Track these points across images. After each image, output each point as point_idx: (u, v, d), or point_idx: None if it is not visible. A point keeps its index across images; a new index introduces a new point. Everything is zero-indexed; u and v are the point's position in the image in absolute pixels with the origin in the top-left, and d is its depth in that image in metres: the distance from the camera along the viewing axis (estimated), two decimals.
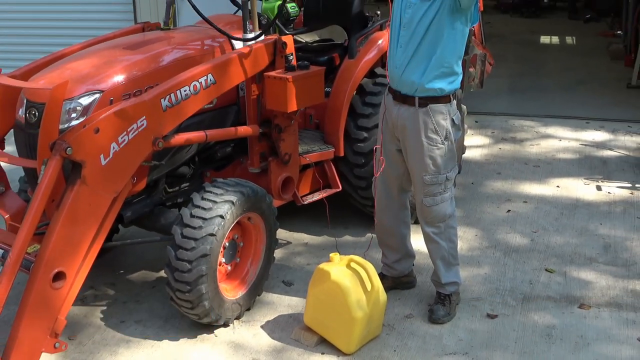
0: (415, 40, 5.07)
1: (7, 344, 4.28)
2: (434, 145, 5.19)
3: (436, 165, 5.23)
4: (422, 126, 5.16)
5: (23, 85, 5.08)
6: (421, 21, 5.03)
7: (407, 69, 5.12)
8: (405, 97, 5.18)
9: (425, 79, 5.08)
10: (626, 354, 5.07)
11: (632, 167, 8.53)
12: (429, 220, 5.43)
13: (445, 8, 4.95)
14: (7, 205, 5.27)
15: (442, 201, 5.34)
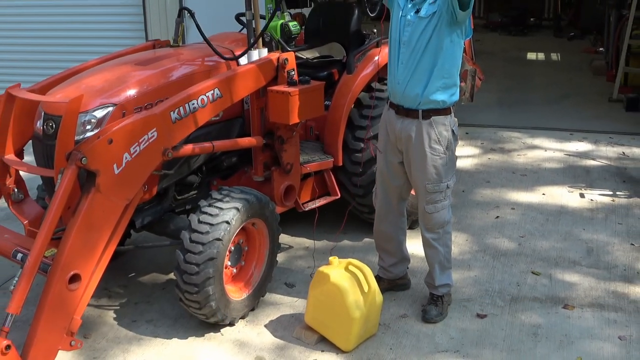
0: (416, 56, 5.08)
1: (26, 342, 4.29)
2: (437, 155, 5.21)
3: (438, 174, 5.24)
4: (426, 137, 5.17)
5: (41, 98, 5.09)
6: (421, 37, 5.05)
7: (410, 83, 5.13)
8: (409, 111, 5.19)
9: (428, 91, 5.10)
10: (608, 352, 5.07)
11: (614, 176, 8.54)
12: (429, 227, 5.43)
13: (443, 22, 4.97)
14: (26, 212, 5.27)
15: (442, 208, 5.36)
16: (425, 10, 5.05)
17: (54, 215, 4.34)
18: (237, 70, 5.63)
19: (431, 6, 5.03)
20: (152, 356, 5.14)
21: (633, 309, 5.62)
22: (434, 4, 5.01)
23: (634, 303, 5.71)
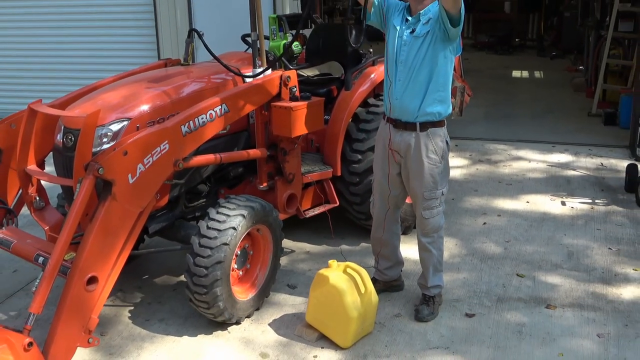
0: (413, 73, 5.11)
1: (47, 339, 4.29)
2: (434, 165, 5.23)
3: (434, 182, 5.26)
4: (424, 148, 5.19)
5: (61, 113, 5.09)
6: (417, 55, 5.08)
7: (408, 98, 5.15)
8: (407, 124, 5.20)
9: (425, 105, 5.12)
10: (587, 349, 5.06)
11: (593, 185, 8.54)
12: (425, 232, 5.44)
13: (436, 40, 5.00)
14: (46, 219, 5.27)
15: (437, 214, 5.38)
16: (420, 30, 5.08)
17: (73, 222, 4.35)
18: (243, 87, 5.65)
19: (424, 26, 5.06)
20: (163, 352, 5.14)
21: (611, 309, 5.62)
22: (427, 24, 5.05)
23: (611, 303, 5.71)
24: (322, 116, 6.11)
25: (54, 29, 12.31)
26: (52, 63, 12.47)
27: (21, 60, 12.64)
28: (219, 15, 10.93)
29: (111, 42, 12.09)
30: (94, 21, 12.09)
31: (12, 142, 5.29)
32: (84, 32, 12.17)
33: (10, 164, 5.34)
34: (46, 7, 12.24)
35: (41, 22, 12.36)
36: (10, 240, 5.03)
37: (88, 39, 12.20)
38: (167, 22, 11.41)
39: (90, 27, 12.12)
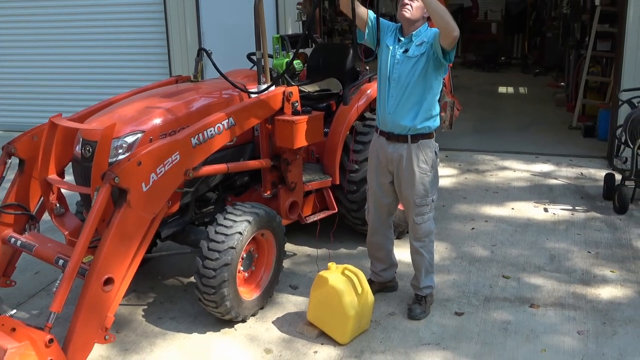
0: (406, 91, 5.11)
1: (66, 336, 4.29)
2: (424, 174, 5.24)
3: (425, 190, 5.27)
4: (415, 158, 5.20)
5: (79, 126, 5.10)
6: (409, 74, 5.09)
7: (400, 114, 5.15)
8: (399, 137, 5.22)
9: (417, 122, 5.14)
10: (568, 345, 5.06)
11: (573, 193, 8.54)
12: (417, 236, 5.45)
13: (430, 63, 5.02)
14: (66, 224, 5.27)
15: (428, 219, 5.39)
16: (413, 51, 5.08)
17: (90, 227, 4.36)
18: (248, 102, 5.66)
19: (418, 47, 5.07)
20: (175, 348, 5.14)
21: (590, 308, 5.62)
22: (421, 45, 5.06)
23: (590, 303, 5.71)
24: (322, 129, 6.11)
25: (74, 48, 12.33)
26: (71, 80, 12.49)
27: (44, 77, 12.67)
28: (226, 35, 10.95)
29: (126, 61, 12.11)
30: (111, 41, 12.12)
31: (34, 153, 5.30)
32: (101, 51, 12.20)
33: (33, 174, 5.34)
34: (68, 28, 12.27)
35: (62, 42, 12.39)
36: (32, 244, 5.02)
37: (105, 58, 12.22)
38: (178, 42, 11.43)
39: (107, 46, 12.15)
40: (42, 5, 12.28)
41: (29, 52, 12.63)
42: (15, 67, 12.80)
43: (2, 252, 5.28)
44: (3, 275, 5.33)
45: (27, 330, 3.95)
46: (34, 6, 12.35)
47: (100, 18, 12.05)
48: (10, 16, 12.55)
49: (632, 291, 5.90)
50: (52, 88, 12.64)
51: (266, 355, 5.04)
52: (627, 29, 9.15)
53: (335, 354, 5.03)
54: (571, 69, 13.88)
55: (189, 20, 11.24)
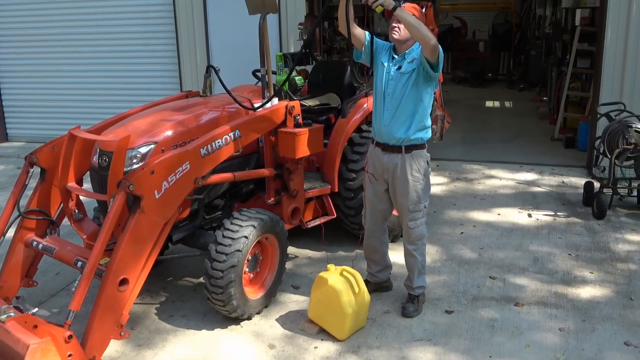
0: (400, 105, 5.14)
1: (84, 332, 4.29)
2: (417, 182, 5.26)
3: (418, 197, 5.29)
4: (409, 167, 5.23)
5: (97, 138, 5.10)
6: (402, 89, 5.12)
7: (395, 126, 5.18)
8: (394, 147, 5.24)
9: (410, 132, 5.16)
10: (550, 341, 5.07)
11: (555, 200, 8.54)
12: (411, 240, 5.46)
13: (420, 78, 5.05)
14: (84, 229, 5.28)
15: (421, 224, 5.41)
16: (405, 67, 5.12)
17: (107, 231, 4.36)
18: (253, 115, 5.67)
19: (410, 64, 5.10)
20: (185, 344, 5.14)
21: (570, 306, 5.62)
22: (412, 62, 5.09)
23: (571, 301, 5.71)
24: (322, 140, 6.13)
25: (93, 65, 12.36)
26: (90, 94, 12.51)
27: (64, 92, 12.68)
28: (232, 53, 10.97)
29: (140, 77, 12.13)
30: (127, 59, 12.14)
31: (55, 162, 5.30)
32: (117, 68, 12.22)
33: (53, 182, 5.34)
34: (88, 47, 12.29)
35: (82, 60, 12.41)
36: (53, 247, 5.03)
37: (121, 74, 12.24)
38: (188, 59, 11.45)
39: (123, 64, 12.17)
40: (65, 26, 12.30)
41: (51, 69, 12.65)
42: (38, 83, 12.82)
43: (25, 255, 5.28)
44: (26, 276, 5.34)
45: (48, 327, 3.95)
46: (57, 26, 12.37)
47: (117, 37, 12.07)
48: (34, 35, 12.57)
49: (609, 291, 5.91)
50: (71, 102, 12.66)
51: (270, 350, 5.04)
52: (605, 48, 9.16)
53: (334, 349, 5.03)
54: (553, 84, 13.91)
55: (198, 40, 11.26)
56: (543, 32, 17.52)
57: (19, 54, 12.77)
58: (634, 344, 5.02)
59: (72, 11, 12.19)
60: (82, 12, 12.13)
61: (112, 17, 11.99)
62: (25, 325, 3.87)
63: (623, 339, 5.09)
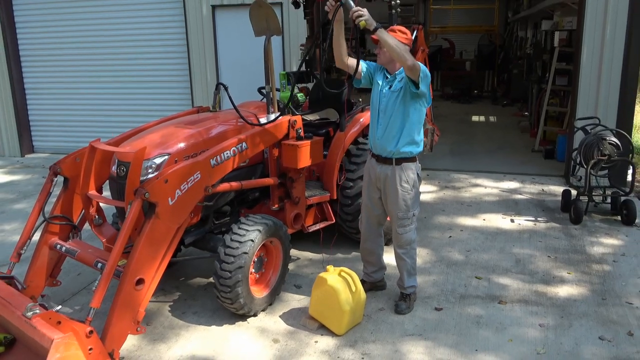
0: (390, 120, 5.18)
1: (104, 328, 4.29)
2: (406, 192, 5.28)
3: (407, 206, 5.31)
4: (398, 178, 5.25)
5: (115, 149, 5.12)
6: (393, 106, 5.16)
7: (386, 140, 5.22)
8: (385, 159, 5.27)
9: (400, 145, 5.19)
10: (531, 335, 5.07)
11: (535, 207, 8.54)
12: (400, 244, 5.48)
13: (407, 95, 5.08)
14: (104, 233, 5.28)
15: (409, 230, 5.42)
16: (395, 86, 5.17)
17: (124, 235, 4.37)
18: (259, 129, 5.68)
19: (399, 83, 5.15)
20: (196, 338, 5.14)
21: (549, 304, 5.62)
22: (401, 81, 5.13)
23: (550, 299, 5.71)
24: (321, 152, 6.15)
25: (112, 83, 12.39)
26: (109, 110, 12.54)
27: (85, 107, 12.71)
28: (240, 72, 11.00)
29: (155, 94, 12.16)
30: (143, 77, 12.17)
31: (77, 172, 5.32)
32: (134, 86, 12.25)
33: (75, 190, 5.35)
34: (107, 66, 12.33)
35: (102, 79, 12.45)
36: (75, 250, 5.04)
37: (137, 91, 12.28)
38: (199, 77, 11.47)
39: (139, 82, 12.20)
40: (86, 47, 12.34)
41: (73, 87, 12.68)
42: (61, 99, 12.84)
43: (50, 257, 5.29)
44: (50, 276, 5.34)
45: (71, 323, 3.96)
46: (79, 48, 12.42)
47: (134, 58, 12.10)
48: (58, 56, 12.61)
49: (585, 290, 5.91)
50: (92, 117, 12.68)
51: (274, 344, 5.04)
52: (582, 67, 9.18)
53: (333, 343, 5.03)
54: (534, 100, 13.92)
55: (208, 60, 11.29)
56: (524, 52, 17.52)
57: (44, 73, 12.81)
58: (607, 338, 5.02)
59: (93, 34, 12.22)
60: (102, 35, 12.16)
61: (129, 40, 12.03)
62: (49, 321, 3.87)
63: (598, 334, 5.10)
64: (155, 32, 11.84)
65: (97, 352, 4.09)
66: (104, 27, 12.12)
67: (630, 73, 8.93)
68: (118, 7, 11.92)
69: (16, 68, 12.77)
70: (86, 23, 12.21)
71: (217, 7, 11.05)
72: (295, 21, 10.49)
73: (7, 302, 4.14)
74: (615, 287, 5.96)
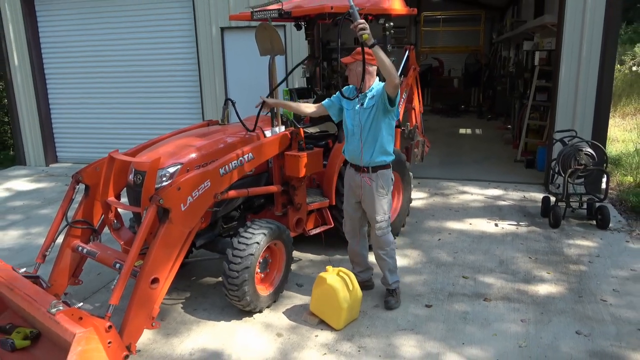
0: (363, 134, 5.23)
1: (122, 323, 4.30)
2: (382, 197, 5.34)
3: (383, 209, 5.36)
4: (375, 185, 5.29)
5: (132, 159, 5.13)
6: (366, 121, 5.21)
7: (363, 152, 5.25)
8: (362, 168, 5.31)
9: (374, 157, 5.25)
10: (514, 330, 5.08)
11: (517, 212, 8.55)
12: (379, 246, 5.51)
13: (379, 111, 5.14)
14: (122, 236, 5.29)
15: (387, 232, 5.46)
16: (367, 103, 5.24)
17: (140, 238, 4.38)
18: (264, 140, 5.70)
19: (371, 100, 5.23)
20: (207, 333, 5.15)
21: (530, 301, 5.63)
22: (372, 99, 5.21)
23: (531, 297, 5.71)
24: (321, 162, 6.16)
25: (129, 99, 12.41)
26: (126, 123, 12.55)
27: (105, 121, 12.72)
28: (247, 88, 11.02)
29: (168, 108, 12.17)
30: (157, 93, 12.18)
31: (97, 180, 5.33)
32: (149, 100, 12.26)
33: (96, 197, 5.36)
34: (125, 83, 12.34)
35: (120, 94, 12.46)
36: (95, 252, 5.05)
37: (152, 106, 12.28)
38: (209, 93, 11.49)
39: (154, 97, 12.22)
40: (106, 65, 12.36)
41: (94, 101, 12.69)
42: (83, 113, 12.85)
43: (72, 258, 5.30)
44: (72, 276, 5.35)
45: (91, 319, 3.96)
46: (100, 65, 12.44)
47: (150, 75, 12.12)
48: (80, 73, 12.63)
49: (563, 288, 5.91)
50: (111, 129, 12.69)
51: (278, 338, 5.05)
52: (560, 84, 9.20)
53: (331, 337, 5.04)
54: (516, 115, 13.93)
55: (217, 77, 11.31)
56: (507, 70, 17.55)
57: (67, 89, 12.82)
58: (584, 333, 5.03)
59: (112, 53, 12.25)
60: (121, 53, 12.19)
61: (146, 58, 12.05)
62: (72, 317, 3.88)
63: (575, 329, 5.11)
64: (169, 52, 11.86)
65: (116, 345, 4.10)
66: (123, 46, 12.14)
67: (604, 90, 8.95)
68: (136, 28, 11.95)
69: (41, 84, 12.80)
70: (106, 43, 12.23)
71: (226, 29, 11.07)
72: (297, 42, 10.51)
73: (33, 299, 4.15)
74: (590, 286, 5.96)
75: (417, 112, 8.80)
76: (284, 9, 6.03)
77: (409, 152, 8.38)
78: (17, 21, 12.36)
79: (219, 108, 11.39)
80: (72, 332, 3.71)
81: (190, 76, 11.79)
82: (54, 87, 12.94)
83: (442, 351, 4.81)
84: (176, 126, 9.18)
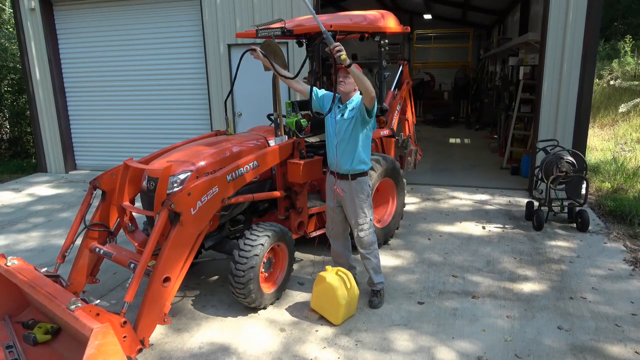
0: (343, 144, 5.22)
1: (136, 319, 4.31)
2: (362, 201, 5.33)
3: (363, 212, 5.35)
4: (354, 191, 5.30)
5: (145, 167, 5.14)
6: (345, 131, 5.20)
7: (343, 160, 5.25)
8: (343, 175, 5.31)
9: (353, 165, 5.25)
10: (500, 325, 5.07)
11: (503, 215, 8.54)
12: (363, 246, 5.48)
13: (358, 122, 5.13)
14: (136, 238, 5.30)
15: (369, 233, 5.43)
16: (347, 114, 5.22)
17: (153, 240, 4.39)
18: (268, 149, 5.70)
19: (351, 112, 5.21)
20: (214, 328, 5.15)
21: (515, 299, 5.62)
22: (352, 110, 5.20)
23: (516, 295, 5.71)
24: (321, 169, 6.15)
25: (143, 110, 12.40)
26: (140, 133, 12.53)
27: (120, 131, 12.72)
28: (252, 101, 11.02)
29: (179, 119, 12.16)
30: (169, 105, 12.18)
31: (113, 186, 5.35)
32: (161, 112, 12.25)
33: (112, 201, 5.37)
34: (139, 95, 12.34)
35: (135, 106, 12.46)
36: (111, 253, 5.05)
37: (164, 117, 12.28)
38: (217, 105, 11.50)
39: (165, 108, 12.21)
40: (122, 78, 12.37)
41: (111, 112, 12.69)
42: (100, 123, 12.86)
43: (90, 258, 5.31)
44: (90, 275, 5.35)
45: (108, 315, 3.97)
46: (116, 79, 12.45)
47: (162, 88, 12.12)
48: (98, 86, 12.64)
49: (546, 286, 5.91)
50: (126, 139, 12.68)
51: (281, 333, 5.05)
52: (543, 97, 9.22)
53: (331, 332, 5.04)
54: (502, 125, 13.93)
55: (225, 90, 11.32)
56: (494, 84, 17.60)
57: (85, 101, 12.83)
58: (565, 328, 5.03)
59: (127, 67, 12.26)
60: (135, 68, 12.20)
61: (158, 72, 12.06)
62: (89, 313, 3.88)
63: (557, 324, 5.11)
64: (180, 67, 11.87)
65: (130, 340, 4.10)
66: (137, 62, 12.16)
67: (584, 102, 8.97)
68: (149, 45, 11.96)
69: (61, 97, 12.80)
70: (121, 58, 12.25)
71: (232, 45, 11.09)
72: (299, 57, 10.53)
73: (54, 296, 4.15)
74: (571, 284, 5.96)
75: (410, 123, 8.82)
76: (287, 27, 6.05)
77: (402, 160, 8.38)
78: (38, 39, 12.38)
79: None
80: (90, 327, 3.71)
81: (200, 89, 11.79)
82: (73, 100, 12.95)
83: (433, 345, 4.81)
84: (186, 136, 9.20)
